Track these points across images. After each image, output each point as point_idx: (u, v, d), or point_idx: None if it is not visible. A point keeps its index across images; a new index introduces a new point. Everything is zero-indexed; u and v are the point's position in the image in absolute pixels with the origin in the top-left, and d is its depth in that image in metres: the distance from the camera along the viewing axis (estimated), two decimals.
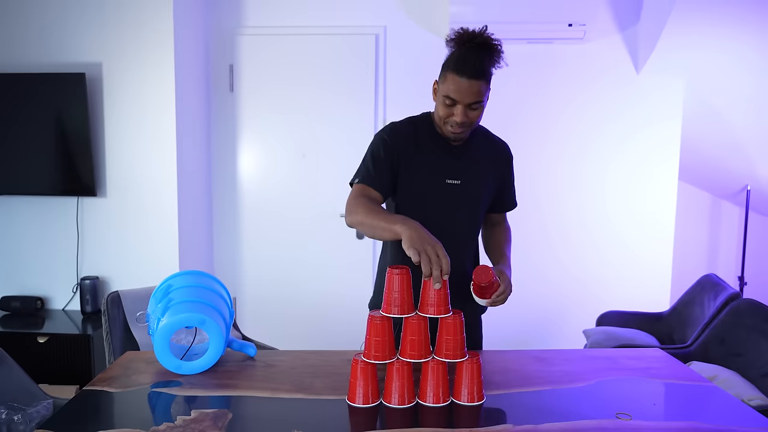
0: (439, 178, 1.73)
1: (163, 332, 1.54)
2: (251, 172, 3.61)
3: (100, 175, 3.14)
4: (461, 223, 1.78)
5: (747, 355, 2.31)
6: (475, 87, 1.57)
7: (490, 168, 1.81)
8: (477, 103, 1.60)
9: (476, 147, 1.79)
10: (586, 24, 3.18)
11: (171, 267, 3.13)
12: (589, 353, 1.83)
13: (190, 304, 1.58)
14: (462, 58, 1.59)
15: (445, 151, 1.74)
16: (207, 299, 1.63)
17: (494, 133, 1.89)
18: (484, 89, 1.59)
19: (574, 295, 3.56)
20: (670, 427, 1.31)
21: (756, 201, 3.83)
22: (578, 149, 3.48)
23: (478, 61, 1.58)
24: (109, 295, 2.17)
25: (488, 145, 1.84)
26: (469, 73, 1.56)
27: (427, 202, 1.73)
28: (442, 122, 1.68)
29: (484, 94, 1.61)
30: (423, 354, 1.42)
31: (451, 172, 1.74)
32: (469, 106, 1.60)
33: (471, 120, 1.64)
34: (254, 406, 1.41)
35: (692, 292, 2.95)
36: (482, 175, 1.79)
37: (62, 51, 3.09)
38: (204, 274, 1.75)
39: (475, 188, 1.77)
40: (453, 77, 1.58)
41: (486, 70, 1.59)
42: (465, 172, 1.75)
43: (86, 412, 1.37)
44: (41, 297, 3.24)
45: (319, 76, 3.50)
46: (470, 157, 1.77)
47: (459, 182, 1.74)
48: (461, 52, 1.61)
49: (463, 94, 1.58)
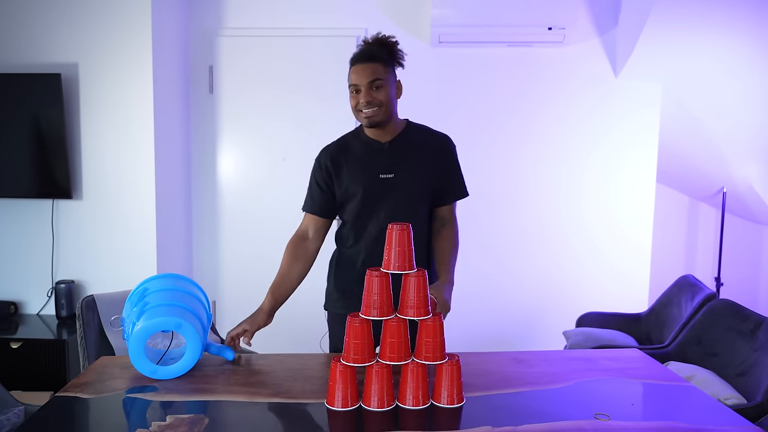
0: (372, 175, 1.83)
1: (138, 336, 1.51)
2: (231, 175, 3.58)
3: (76, 177, 3.09)
4: (401, 214, 1.82)
5: (723, 354, 2.33)
6: (369, 68, 1.76)
7: (427, 160, 1.88)
8: (378, 80, 1.76)
9: (409, 141, 1.88)
10: (566, 27, 3.20)
11: (149, 270, 3.08)
12: (568, 354, 1.84)
13: (166, 307, 1.56)
14: (355, 54, 1.82)
15: (376, 150, 1.86)
16: (184, 302, 1.61)
17: (435, 129, 1.96)
18: (380, 70, 1.77)
19: (553, 296, 3.58)
20: (648, 426, 1.31)
21: (732, 203, 3.89)
22: (557, 152, 3.51)
23: (367, 49, 1.81)
24: (83, 299, 2.13)
25: (424, 139, 1.91)
26: (361, 59, 1.78)
27: (363, 198, 1.84)
28: (356, 112, 1.81)
29: (382, 74, 1.78)
30: (402, 356, 1.41)
31: (383, 168, 1.84)
32: (371, 85, 1.76)
33: (378, 99, 1.77)
34: (231, 410, 1.39)
35: (670, 293, 2.98)
36: (417, 167, 1.86)
37: (37, 51, 3.03)
38: (181, 277, 1.73)
39: (409, 179, 1.84)
40: (352, 69, 1.80)
41: (377, 54, 1.79)
42: (397, 165, 1.84)
43: (58, 418, 1.34)
44: (15, 301, 3.17)
45: (300, 78, 3.48)
46: (402, 152, 1.86)
47: (392, 176, 1.83)
48: (354, 53, 1.84)
49: (361, 76, 1.77)
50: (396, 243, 1.42)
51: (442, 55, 3.45)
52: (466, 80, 3.48)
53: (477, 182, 3.56)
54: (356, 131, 1.94)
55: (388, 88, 1.79)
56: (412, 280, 1.42)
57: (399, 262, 1.42)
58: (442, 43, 3.36)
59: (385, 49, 1.82)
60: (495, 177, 3.53)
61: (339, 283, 1.94)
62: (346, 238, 1.92)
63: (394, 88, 1.83)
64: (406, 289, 1.43)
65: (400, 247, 1.42)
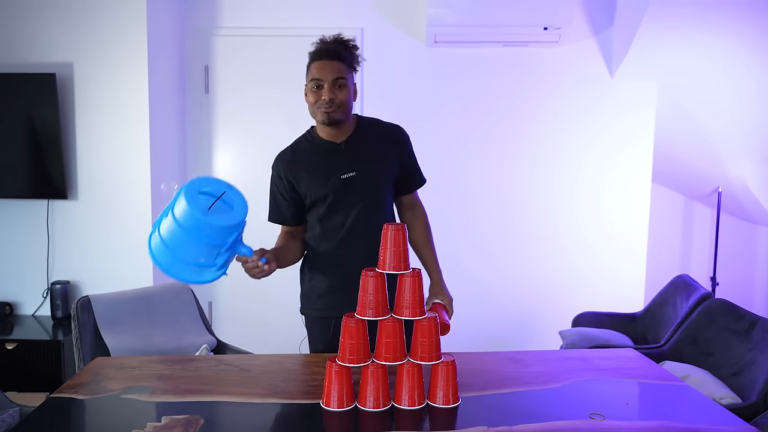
0: (334, 176, 1.83)
1: (191, 184, 1.51)
2: (226, 174, 3.57)
3: (71, 177, 3.08)
4: (367, 210, 1.84)
5: (718, 354, 2.34)
6: (334, 65, 1.76)
7: (386, 152, 1.89)
8: (340, 79, 1.76)
9: (365, 137, 1.89)
10: (561, 27, 3.21)
11: (144, 271, 3.07)
12: (564, 354, 1.84)
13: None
14: (318, 49, 1.81)
15: (333, 151, 1.85)
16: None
17: (386, 121, 1.97)
18: (344, 69, 1.78)
19: (549, 296, 3.58)
20: (643, 426, 1.32)
21: (727, 203, 3.90)
22: (552, 151, 3.51)
23: (332, 47, 1.80)
24: (78, 300, 2.12)
25: (378, 132, 1.92)
26: (326, 56, 1.77)
27: (329, 201, 1.83)
28: (315, 108, 1.80)
29: (345, 74, 1.78)
30: (398, 356, 1.41)
31: (343, 168, 1.83)
32: (335, 84, 1.76)
33: (340, 99, 1.77)
34: (227, 411, 1.39)
35: (665, 293, 2.99)
36: (377, 161, 1.87)
37: (32, 51, 3.02)
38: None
39: (372, 175, 1.85)
40: (314, 63, 1.79)
41: (341, 54, 1.79)
42: (357, 163, 1.84)
43: (53, 419, 1.34)
44: (10, 302, 3.16)
45: (296, 77, 3.45)
46: (360, 148, 1.86)
47: (354, 174, 1.83)
48: (317, 47, 1.82)
49: (325, 72, 1.76)
50: (391, 243, 1.42)
51: (437, 54, 3.45)
52: (461, 80, 3.48)
53: (471, 181, 3.58)
54: (308, 134, 1.93)
55: (348, 89, 1.79)
56: (407, 280, 1.42)
57: (394, 262, 1.42)
58: (437, 43, 3.37)
59: (347, 51, 1.82)
60: (490, 176, 3.53)
61: (315, 285, 1.91)
62: (318, 239, 1.89)
63: (353, 90, 1.83)
64: (402, 289, 1.43)
65: (395, 247, 1.42)
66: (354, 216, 1.83)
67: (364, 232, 1.82)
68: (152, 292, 2.36)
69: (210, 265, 1.56)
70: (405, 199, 2.00)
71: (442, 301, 1.89)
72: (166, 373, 1.60)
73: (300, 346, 2.14)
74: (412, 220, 2.00)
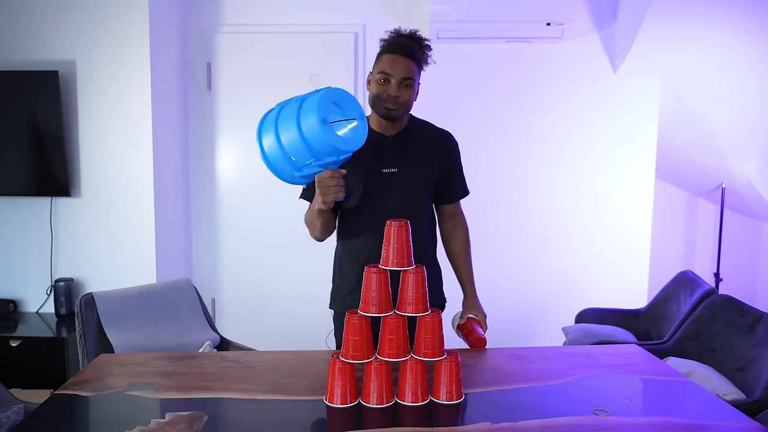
0: (375, 169, 1.81)
1: (331, 91, 1.54)
2: (230, 172, 3.58)
3: (75, 175, 3.08)
4: (404, 209, 1.82)
5: (722, 350, 2.34)
6: (406, 64, 1.73)
7: (430, 156, 1.87)
8: (409, 79, 1.74)
9: (413, 137, 1.87)
10: (564, 23, 3.20)
11: (147, 268, 3.08)
12: (567, 350, 1.84)
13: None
14: (393, 42, 1.77)
15: (381, 144, 1.83)
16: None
17: (437, 126, 1.95)
18: (414, 69, 1.75)
19: (552, 292, 3.58)
20: (646, 422, 1.32)
21: (730, 199, 3.89)
22: (556, 147, 3.51)
23: (407, 44, 1.76)
24: (82, 297, 2.12)
25: (427, 135, 1.90)
26: (400, 51, 1.73)
27: (365, 193, 1.82)
28: (377, 101, 1.77)
29: (414, 74, 1.75)
30: (401, 353, 1.41)
31: (387, 162, 1.82)
32: (403, 82, 1.73)
33: (404, 98, 1.75)
34: (230, 407, 1.39)
35: (669, 289, 2.98)
36: (420, 162, 1.85)
37: (34, 48, 3.02)
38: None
39: (413, 175, 1.83)
40: (386, 56, 1.75)
41: (415, 53, 1.75)
42: (401, 160, 1.83)
43: (58, 416, 1.34)
44: (14, 300, 3.16)
45: (298, 74, 3.48)
46: (407, 147, 1.85)
47: (396, 170, 1.82)
48: (392, 39, 1.79)
49: (396, 68, 1.72)
50: (394, 239, 1.42)
51: (440, 51, 3.42)
52: (464, 76, 3.47)
53: (476, 179, 3.55)
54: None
55: (414, 90, 1.78)
56: (410, 276, 1.42)
57: (397, 258, 1.42)
58: (440, 39, 3.36)
59: (420, 50, 1.78)
60: (494, 173, 3.53)
61: (344, 281, 1.91)
62: (349, 234, 1.88)
63: (417, 90, 1.81)
64: (405, 285, 1.43)
65: (399, 243, 1.42)
66: (388, 213, 1.75)
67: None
68: (156, 289, 2.36)
69: (298, 168, 1.60)
70: (446, 208, 1.97)
71: (476, 316, 1.90)
72: (169, 370, 1.61)
73: (326, 340, 2.15)
74: (451, 230, 1.99)
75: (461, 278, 1.98)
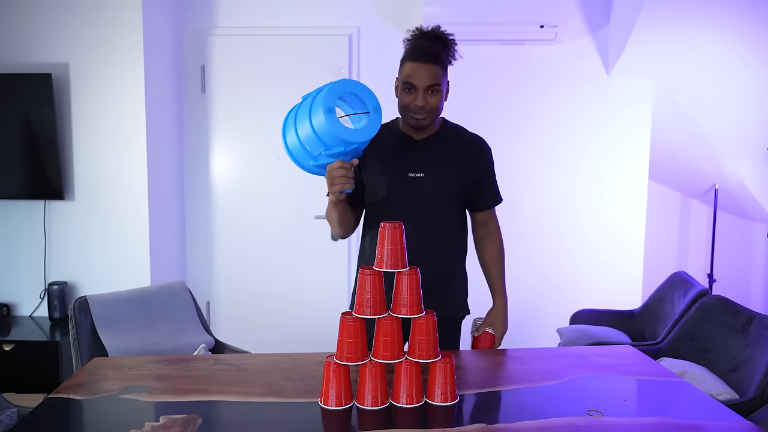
0: (401, 172, 1.78)
1: (344, 83, 1.59)
2: (224, 174, 3.57)
3: (68, 177, 3.07)
4: (427, 215, 1.78)
5: (715, 350, 2.35)
6: (430, 71, 1.67)
7: (460, 162, 1.82)
8: (435, 86, 1.68)
9: (443, 141, 1.82)
10: (558, 26, 3.21)
11: (141, 271, 3.07)
12: (562, 351, 1.84)
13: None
14: (416, 47, 1.71)
15: (408, 147, 1.80)
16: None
17: (470, 130, 1.91)
18: (439, 74, 1.69)
19: (547, 294, 3.59)
20: (640, 422, 1.32)
21: (723, 200, 3.91)
22: (549, 149, 3.52)
23: (430, 48, 1.69)
24: (76, 300, 2.12)
25: (458, 140, 1.86)
26: (423, 58, 1.67)
27: (390, 196, 1.77)
28: (405, 111, 1.74)
29: (440, 79, 1.69)
30: (396, 355, 1.41)
31: (413, 166, 1.78)
32: (428, 90, 1.68)
33: (431, 105, 1.70)
34: (225, 410, 1.39)
35: (663, 290, 2.99)
36: (449, 168, 1.80)
37: (28, 51, 3.01)
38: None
39: (440, 181, 1.78)
40: (409, 64, 1.69)
41: (439, 55, 1.69)
42: (428, 165, 1.78)
43: (51, 420, 1.34)
44: (7, 303, 3.15)
45: (292, 77, 3.48)
46: (435, 151, 1.80)
47: (422, 175, 1.77)
48: (415, 43, 1.73)
49: (419, 77, 1.67)
50: (388, 241, 1.42)
51: None
52: (458, 78, 3.46)
53: None
54: (392, 123, 1.87)
55: (441, 94, 1.72)
56: (404, 278, 1.43)
57: (392, 260, 1.42)
58: None
59: (444, 50, 1.72)
60: None
61: None
62: (372, 239, 1.80)
63: (445, 91, 1.76)
64: (399, 287, 1.43)
65: (393, 245, 1.42)
66: (411, 219, 1.68)
67: (417, 236, 1.68)
68: (149, 292, 2.35)
69: (313, 157, 1.64)
70: (479, 216, 1.91)
71: (494, 331, 1.87)
72: (164, 373, 1.60)
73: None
74: (484, 237, 1.93)
75: (492, 287, 1.94)
